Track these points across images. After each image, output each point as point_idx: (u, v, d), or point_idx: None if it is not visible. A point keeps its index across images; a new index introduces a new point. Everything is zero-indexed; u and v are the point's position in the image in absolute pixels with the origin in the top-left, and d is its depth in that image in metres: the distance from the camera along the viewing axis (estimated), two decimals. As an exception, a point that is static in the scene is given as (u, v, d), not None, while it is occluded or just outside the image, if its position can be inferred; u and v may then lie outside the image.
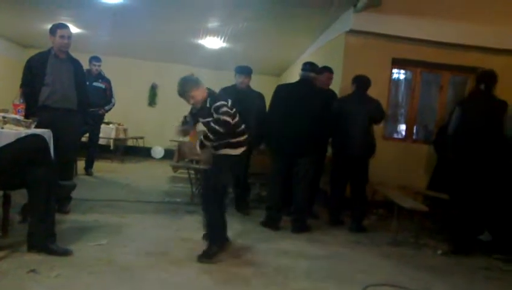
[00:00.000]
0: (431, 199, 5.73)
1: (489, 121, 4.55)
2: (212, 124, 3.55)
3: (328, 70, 5.60)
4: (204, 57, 10.11)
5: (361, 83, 5.29)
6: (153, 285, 2.95)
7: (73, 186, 4.07)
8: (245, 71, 5.48)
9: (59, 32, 4.37)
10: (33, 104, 4.31)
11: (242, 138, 3.74)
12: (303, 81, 4.96)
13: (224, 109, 3.54)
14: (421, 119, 7.14)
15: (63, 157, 4.47)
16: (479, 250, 4.66)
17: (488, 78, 4.76)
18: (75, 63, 4.62)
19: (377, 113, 5.22)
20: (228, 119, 3.53)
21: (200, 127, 3.89)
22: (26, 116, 4.25)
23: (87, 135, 7.26)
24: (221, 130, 3.53)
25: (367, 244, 4.62)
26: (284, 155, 4.83)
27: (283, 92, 5.04)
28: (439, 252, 4.52)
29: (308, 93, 4.86)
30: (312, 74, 4.97)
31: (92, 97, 6.48)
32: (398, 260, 4.15)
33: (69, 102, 4.45)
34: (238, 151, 3.71)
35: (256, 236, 4.45)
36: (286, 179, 4.87)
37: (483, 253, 4.60)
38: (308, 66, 5.01)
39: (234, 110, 3.67)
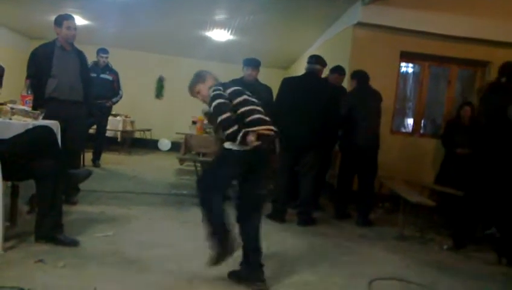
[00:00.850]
0: (438, 193, 5.71)
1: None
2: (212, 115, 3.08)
3: (338, 72, 5.56)
4: (212, 49, 10.09)
5: (363, 77, 5.28)
6: (159, 276, 2.96)
7: (88, 174, 4.07)
8: (253, 63, 5.46)
9: (66, 23, 4.32)
10: (40, 95, 4.30)
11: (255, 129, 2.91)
12: (309, 74, 4.95)
13: (215, 92, 3.04)
14: (428, 113, 7.10)
15: (70, 148, 4.48)
16: (487, 245, 4.63)
17: (510, 70, 4.66)
18: (80, 55, 4.60)
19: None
20: (217, 103, 2.98)
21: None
22: (34, 108, 4.26)
23: (95, 126, 7.29)
24: (217, 118, 2.95)
25: (373, 238, 4.62)
26: (290, 148, 4.81)
27: (289, 85, 5.02)
28: (445, 247, 4.50)
29: (315, 86, 4.85)
30: (318, 67, 4.96)
31: (99, 89, 6.53)
32: (405, 254, 4.14)
33: (75, 94, 4.44)
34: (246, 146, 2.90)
35: (261, 229, 4.45)
36: (292, 172, 4.88)
37: (491, 248, 4.58)
38: (314, 59, 5.00)
39: (242, 98, 3.06)
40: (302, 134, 4.67)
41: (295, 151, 4.78)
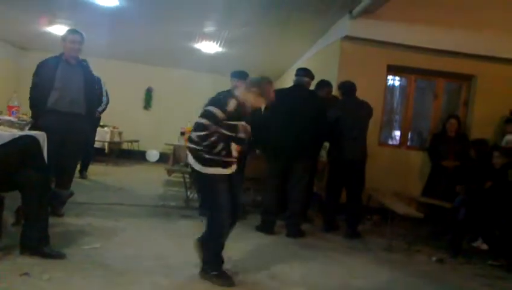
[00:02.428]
0: (425, 205, 5.76)
1: None
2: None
3: (325, 86, 5.58)
4: (200, 61, 10.11)
5: (349, 88, 5.29)
6: (146, 289, 2.93)
7: (70, 194, 4.08)
8: (240, 76, 5.48)
9: (70, 38, 4.43)
10: (42, 107, 4.31)
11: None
12: (298, 86, 4.99)
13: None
14: (415, 126, 7.17)
15: (68, 161, 4.53)
16: (473, 257, 4.67)
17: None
18: (85, 69, 4.65)
19: (371, 116, 5.27)
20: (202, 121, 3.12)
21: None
22: (34, 119, 4.31)
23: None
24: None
25: (361, 250, 4.62)
26: (279, 160, 4.83)
27: (278, 97, 5.04)
28: (434, 258, 4.52)
29: (303, 98, 4.89)
30: (306, 79, 5.02)
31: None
32: (393, 266, 4.15)
33: (77, 107, 4.45)
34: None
35: (250, 241, 4.44)
36: (281, 184, 4.88)
37: (478, 260, 4.62)
38: (302, 72, 5.07)
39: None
40: (290, 145, 4.69)
41: (283, 162, 4.79)
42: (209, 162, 3.12)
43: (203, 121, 3.10)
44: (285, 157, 4.76)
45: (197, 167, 3.16)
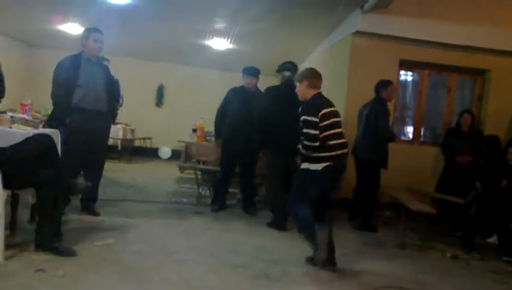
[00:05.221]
0: (439, 201, 5.70)
1: None
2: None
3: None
4: (211, 58, 10.12)
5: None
6: (158, 285, 2.95)
7: (86, 186, 4.09)
8: (252, 72, 5.50)
9: (92, 36, 4.45)
10: (67, 105, 4.35)
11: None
12: (291, 81, 4.96)
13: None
14: (428, 122, 7.10)
15: (95, 158, 4.58)
16: (488, 253, 4.63)
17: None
18: (104, 67, 4.72)
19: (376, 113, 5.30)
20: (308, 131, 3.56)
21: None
22: (60, 118, 4.34)
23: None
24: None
25: (374, 247, 4.60)
26: (281, 155, 4.80)
27: (274, 92, 5.04)
28: (448, 255, 4.49)
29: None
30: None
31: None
32: (406, 262, 4.13)
33: (101, 104, 4.50)
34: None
35: (262, 237, 4.45)
36: (285, 179, 4.84)
37: (492, 256, 4.57)
38: (294, 66, 5.19)
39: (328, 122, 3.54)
40: (291, 139, 4.65)
41: (286, 157, 4.74)
42: None
43: None
44: (287, 153, 4.71)
45: None
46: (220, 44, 8.91)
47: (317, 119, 3.52)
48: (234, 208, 5.71)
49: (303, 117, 3.61)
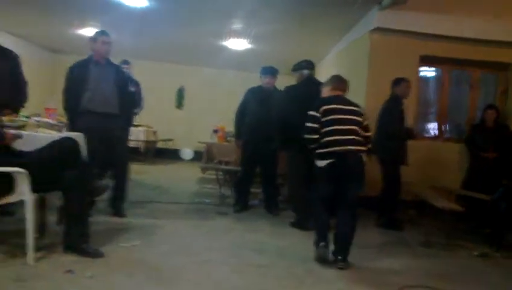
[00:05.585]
0: (465, 198, 5.61)
1: None
2: None
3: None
4: (229, 58, 10.15)
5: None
6: (185, 286, 2.98)
7: (106, 187, 4.18)
8: (271, 72, 5.51)
9: (101, 38, 4.49)
10: (75, 109, 4.42)
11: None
12: (310, 80, 5.00)
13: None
14: (451, 118, 6.99)
15: (115, 159, 4.63)
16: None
17: None
18: (116, 68, 4.74)
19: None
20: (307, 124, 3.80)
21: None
22: (70, 121, 4.45)
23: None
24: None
25: (398, 246, 4.55)
26: (302, 154, 4.77)
27: (293, 91, 5.03)
28: (476, 253, 4.41)
29: (319, 93, 4.90)
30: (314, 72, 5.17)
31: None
32: (431, 261, 4.08)
33: (110, 106, 4.51)
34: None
35: (285, 237, 4.45)
36: (307, 178, 4.83)
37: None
38: (311, 65, 5.16)
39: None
40: None
41: (306, 155, 4.71)
42: None
43: None
44: (307, 152, 4.68)
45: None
46: (237, 44, 8.94)
47: (317, 114, 3.74)
48: (257, 208, 5.73)
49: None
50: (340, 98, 3.88)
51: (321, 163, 3.71)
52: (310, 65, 5.12)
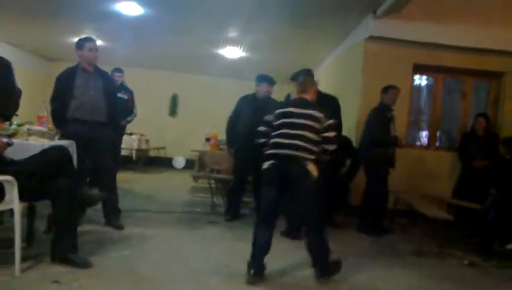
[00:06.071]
0: (456, 207, 5.62)
1: None
2: None
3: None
4: (224, 66, 10.18)
5: None
6: (174, 296, 2.96)
7: (102, 197, 4.14)
8: (267, 80, 5.50)
9: (87, 45, 4.41)
10: (62, 117, 4.37)
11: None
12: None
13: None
14: (444, 126, 7.02)
15: (103, 168, 4.54)
16: (506, 260, 4.54)
17: None
18: (104, 76, 4.65)
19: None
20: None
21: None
22: (58, 130, 4.37)
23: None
24: None
25: (390, 255, 4.55)
26: None
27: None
28: (466, 262, 4.41)
29: (318, 101, 4.90)
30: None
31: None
32: (423, 270, 4.07)
33: (98, 114, 4.45)
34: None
35: (276, 246, 4.42)
36: None
37: (511, 263, 4.48)
38: (310, 73, 5.16)
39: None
40: None
41: None
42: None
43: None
44: None
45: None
46: (233, 52, 8.96)
47: (270, 118, 3.60)
48: (248, 217, 5.70)
49: None
50: (300, 101, 3.65)
51: (264, 165, 3.50)
52: (309, 74, 5.12)
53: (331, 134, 3.50)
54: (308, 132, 3.40)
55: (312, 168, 3.35)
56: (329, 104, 4.96)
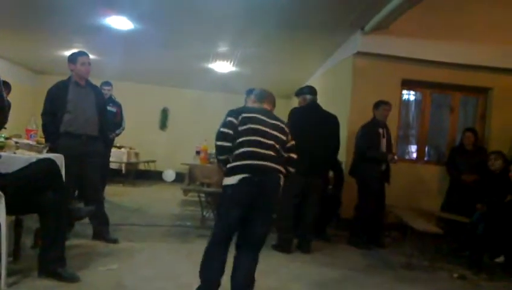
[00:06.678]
0: (445, 221, 5.65)
1: None
2: None
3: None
4: (214, 81, 10.22)
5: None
6: (163, 310, 2.91)
7: (90, 211, 4.09)
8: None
9: (80, 59, 4.40)
10: (55, 131, 4.33)
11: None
12: (314, 105, 5.09)
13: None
14: (432, 141, 7.09)
15: (90, 182, 4.50)
16: (496, 273, 4.55)
17: None
18: (96, 89, 4.65)
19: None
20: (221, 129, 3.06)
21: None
22: (49, 144, 4.31)
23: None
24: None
25: (381, 268, 4.54)
26: (300, 176, 4.76)
27: (298, 115, 5.07)
28: (456, 275, 4.42)
29: (321, 116, 5.05)
30: (317, 97, 5.17)
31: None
32: (413, 284, 4.06)
33: (91, 128, 4.44)
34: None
35: (267, 260, 4.39)
36: (299, 202, 4.88)
37: (500, 276, 4.50)
38: (314, 90, 5.19)
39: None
40: (312, 162, 4.65)
41: (305, 178, 4.73)
42: None
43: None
44: (306, 174, 4.69)
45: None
46: (223, 67, 9.00)
47: (234, 121, 3.03)
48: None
49: None
50: (266, 111, 3.20)
51: (231, 180, 2.89)
52: (312, 91, 5.17)
53: (295, 156, 3.13)
54: (279, 145, 3.01)
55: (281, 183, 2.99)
56: (332, 123, 5.05)
